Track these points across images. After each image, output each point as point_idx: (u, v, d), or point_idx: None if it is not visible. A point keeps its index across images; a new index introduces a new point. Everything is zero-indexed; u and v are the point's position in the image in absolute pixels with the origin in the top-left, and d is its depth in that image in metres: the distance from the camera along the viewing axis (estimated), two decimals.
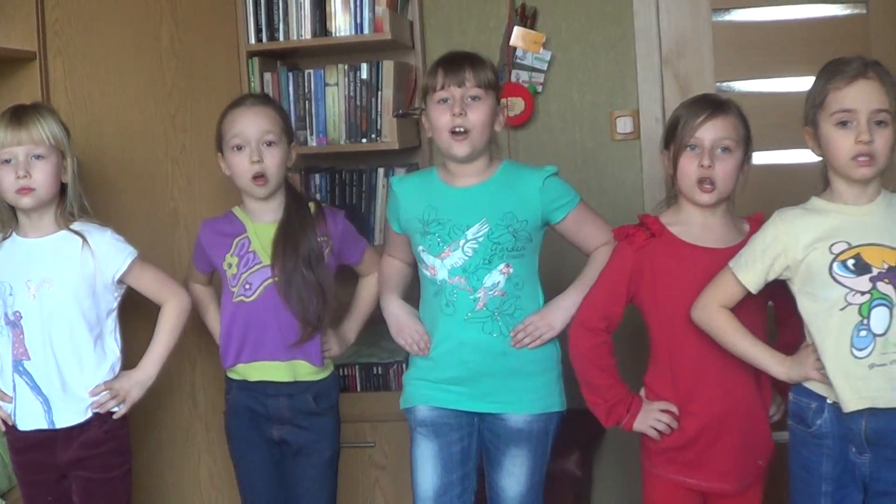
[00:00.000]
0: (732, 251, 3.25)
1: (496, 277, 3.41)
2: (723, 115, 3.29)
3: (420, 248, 3.47)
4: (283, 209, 3.64)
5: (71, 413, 3.44)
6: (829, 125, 3.07)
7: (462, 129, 3.37)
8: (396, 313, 3.63)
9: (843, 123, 3.03)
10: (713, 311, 3.20)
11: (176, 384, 4.13)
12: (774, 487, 3.44)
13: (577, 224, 3.49)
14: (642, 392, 3.42)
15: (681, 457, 3.34)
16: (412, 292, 3.68)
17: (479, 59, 3.48)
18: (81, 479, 3.47)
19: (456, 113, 3.37)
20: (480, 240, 3.39)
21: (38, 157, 3.36)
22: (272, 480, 3.69)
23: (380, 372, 4.56)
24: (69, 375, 3.43)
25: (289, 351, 3.59)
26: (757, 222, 3.31)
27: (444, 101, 3.41)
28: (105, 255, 3.45)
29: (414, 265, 3.62)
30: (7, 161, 3.34)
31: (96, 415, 3.46)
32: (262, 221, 3.64)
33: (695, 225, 3.34)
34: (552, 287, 3.56)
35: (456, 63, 3.44)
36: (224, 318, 3.66)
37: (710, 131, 3.27)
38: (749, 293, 3.17)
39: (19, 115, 3.38)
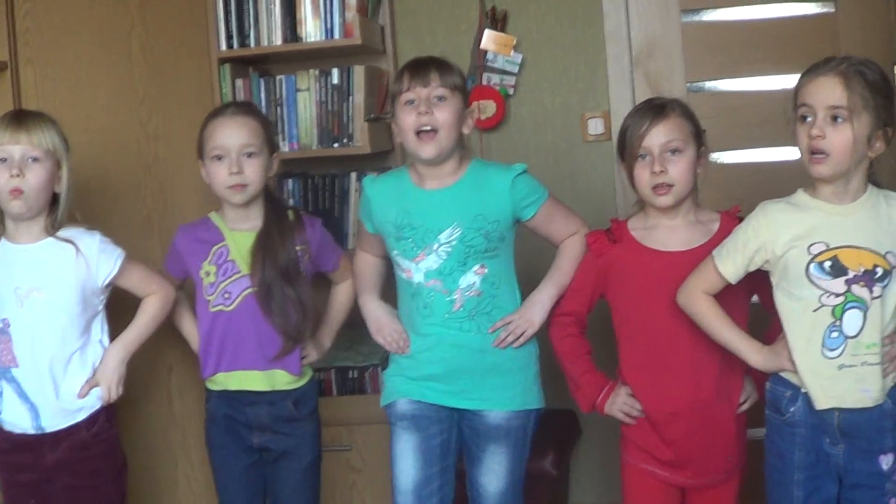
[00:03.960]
0: (696, 253, 3.29)
1: (471, 278, 3.43)
2: (665, 119, 3.31)
3: (395, 252, 3.48)
4: (262, 218, 3.63)
5: (60, 417, 3.43)
6: (796, 120, 3.09)
7: (428, 128, 3.38)
8: (375, 313, 3.65)
9: (804, 118, 3.06)
10: (696, 297, 3.23)
11: (153, 391, 4.13)
12: (752, 481, 3.46)
13: (548, 219, 3.52)
14: (619, 381, 3.46)
15: (652, 450, 3.38)
16: (388, 291, 3.69)
17: (445, 62, 3.49)
18: (67, 484, 3.44)
19: (422, 112, 3.38)
20: (453, 243, 3.40)
21: (34, 159, 3.35)
22: (252, 489, 3.69)
23: (355, 375, 4.57)
24: (60, 381, 3.42)
25: (268, 361, 3.59)
26: (730, 217, 3.35)
27: (411, 102, 3.42)
28: (97, 261, 3.45)
29: (388, 258, 3.62)
30: (3, 160, 3.34)
31: (85, 418, 3.45)
32: (239, 229, 3.62)
33: (659, 229, 3.38)
34: (529, 282, 3.57)
35: (421, 65, 3.46)
36: (202, 328, 3.65)
37: (655, 137, 3.30)
38: (729, 283, 3.19)
39: (21, 118, 3.38)
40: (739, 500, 3.45)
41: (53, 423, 3.42)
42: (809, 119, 3.04)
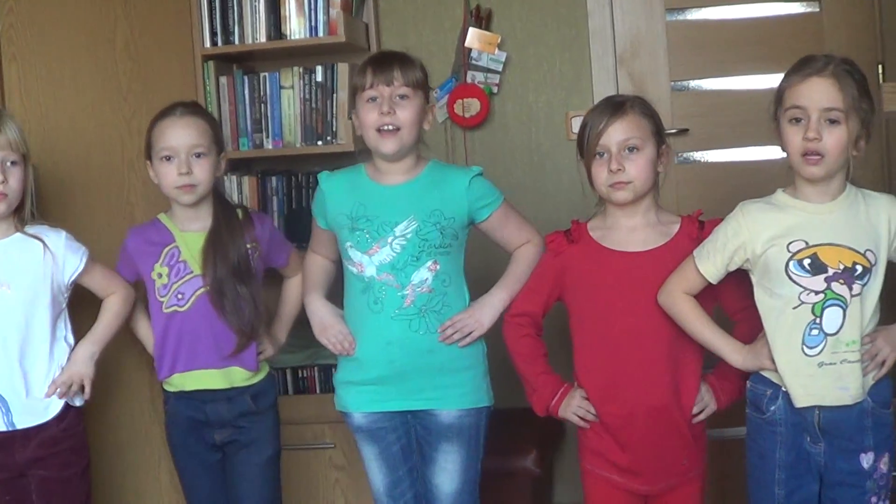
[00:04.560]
0: (654, 254, 3.30)
1: (424, 274, 3.42)
2: (623, 116, 3.30)
3: (348, 244, 3.46)
4: (212, 217, 3.63)
5: (31, 414, 3.42)
6: (784, 121, 3.09)
7: (390, 127, 3.39)
8: (320, 313, 3.62)
9: (796, 120, 3.05)
10: (677, 297, 3.23)
11: (136, 388, 4.12)
12: (727, 481, 3.46)
13: (501, 223, 3.53)
14: (574, 384, 3.46)
15: (608, 455, 3.36)
16: (335, 292, 3.68)
17: (408, 58, 3.49)
18: (39, 478, 3.45)
19: (384, 111, 3.38)
20: (409, 236, 3.40)
21: (12, 162, 3.35)
22: (217, 488, 3.70)
23: None
24: (29, 378, 3.42)
25: (224, 359, 3.59)
26: (690, 221, 3.35)
27: (373, 99, 3.42)
28: (63, 257, 3.46)
29: (338, 262, 3.63)
30: None
31: (56, 414, 3.45)
32: (190, 230, 3.62)
33: (618, 229, 3.36)
34: (477, 285, 3.58)
35: (384, 62, 3.46)
36: (156, 329, 3.64)
37: (613, 135, 3.28)
38: (710, 284, 3.20)
39: None
40: (703, 502, 3.45)
41: (24, 419, 3.42)
42: (802, 121, 3.04)
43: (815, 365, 3.04)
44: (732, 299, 3.31)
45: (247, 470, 3.68)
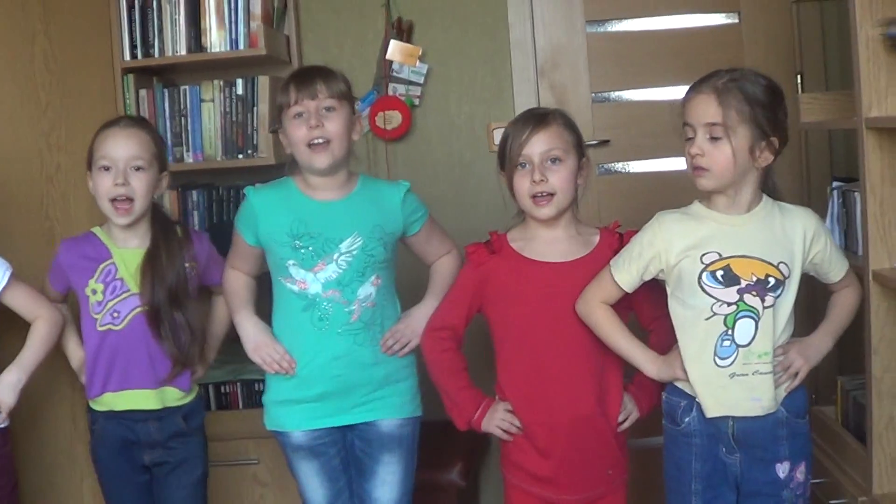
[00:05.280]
0: (576, 265, 3.32)
1: (368, 289, 3.44)
2: (545, 127, 3.32)
3: (290, 262, 3.44)
4: (151, 235, 3.58)
5: None
6: (683, 138, 3.14)
7: (320, 140, 3.38)
8: (252, 331, 3.59)
9: (689, 138, 3.10)
10: (593, 306, 3.25)
11: (56, 405, 4.08)
12: (645, 490, 3.48)
13: (427, 236, 3.59)
14: (496, 398, 3.46)
15: (531, 468, 3.37)
16: (259, 308, 3.67)
17: (330, 71, 3.49)
18: None
19: (312, 125, 3.38)
20: (355, 252, 3.40)
21: None
22: None
23: (261, 388, 4.51)
24: None
25: (159, 381, 3.55)
26: (609, 232, 3.37)
27: (300, 115, 3.41)
28: None
29: (258, 279, 3.61)
30: None
31: None
32: (127, 247, 3.56)
33: (539, 240, 3.38)
34: (405, 297, 3.62)
35: (307, 77, 3.45)
36: (89, 347, 3.58)
37: (536, 145, 3.30)
38: (626, 293, 3.22)
39: None
40: None
41: None
42: (691, 137, 3.08)
43: (726, 376, 3.07)
44: (647, 309, 3.34)
45: (176, 492, 3.63)
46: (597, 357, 3.30)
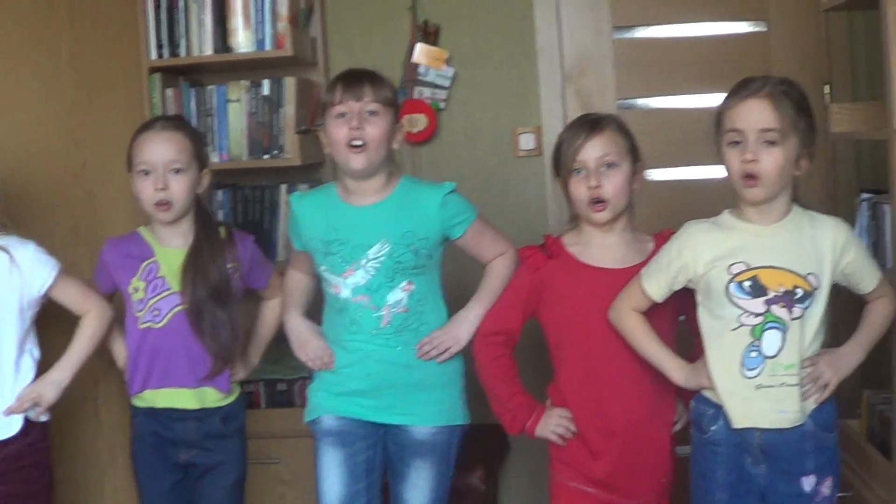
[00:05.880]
0: (631, 272, 3.29)
1: (399, 295, 3.42)
2: (600, 133, 3.32)
3: (323, 267, 3.47)
4: (193, 235, 3.59)
5: None
6: (723, 144, 3.11)
7: (359, 143, 3.37)
8: (298, 329, 3.62)
9: (735, 143, 3.07)
10: (624, 313, 3.24)
11: (79, 402, 4.06)
12: (677, 499, 3.47)
13: (476, 238, 3.52)
14: (548, 403, 3.45)
15: (585, 469, 3.37)
16: (314, 307, 3.68)
17: (379, 76, 3.49)
18: (1, 493, 3.38)
19: (353, 127, 3.37)
20: (382, 259, 3.39)
21: None
22: None
23: (284, 388, 4.55)
24: None
25: (198, 380, 3.55)
26: (663, 239, 3.34)
27: (342, 115, 3.41)
28: (31, 270, 3.41)
29: (318, 277, 3.61)
30: None
31: (21, 428, 3.40)
32: (170, 246, 3.58)
33: (594, 245, 3.37)
34: (456, 300, 3.57)
35: (355, 78, 3.45)
36: (130, 344, 3.60)
37: (590, 151, 3.30)
38: (656, 302, 3.21)
39: None
40: None
41: None
42: (741, 143, 3.05)
43: (752, 387, 3.05)
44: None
45: (211, 493, 3.65)
46: (651, 365, 3.28)
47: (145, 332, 3.56)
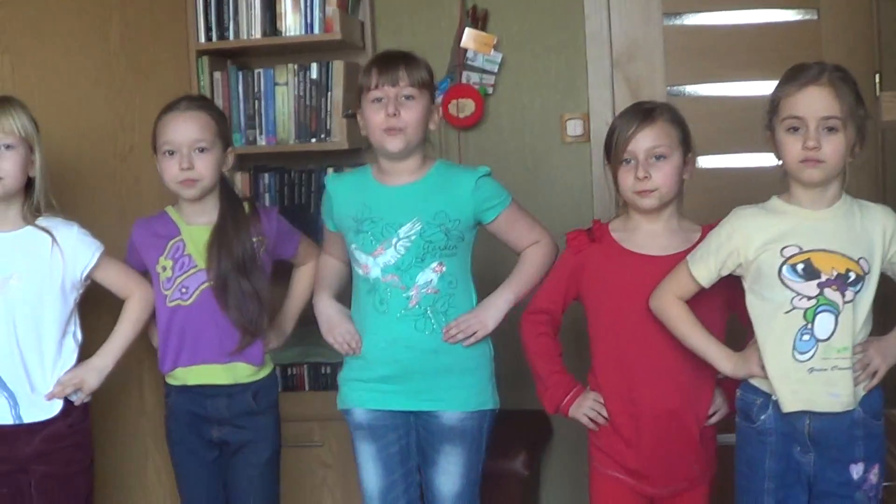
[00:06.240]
0: (675, 259, 3.28)
1: (429, 275, 3.43)
2: (651, 124, 3.30)
3: (353, 245, 3.48)
4: (218, 212, 3.62)
5: (39, 409, 3.42)
6: (781, 130, 3.09)
7: (396, 129, 3.39)
8: (327, 312, 3.64)
9: (794, 129, 3.05)
10: (668, 302, 3.23)
11: (123, 382, 4.08)
12: (720, 489, 3.46)
13: (509, 224, 3.53)
14: (588, 387, 3.46)
15: (618, 456, 3.37)
16: (344, 292, 3.69)
17: (414, 58, 3.49)
18: (41, 473, 3.43)
19: (390, 113, 3.38)
20: (413, 238, 3.40)
21: (7, 146, 3.33)
22: (213, 485, 3.68)
23: (328, 371, 4.55)
24: (35, 372, 3.41)
25: (228, 354, 3.58)
26: (711, 229, 3.32)
27: (379, 100, 3.42)
28: (73, 252, 3.44)
29: (349, 263, 3.62)
30: None
31: (61, 409, 3.43)
32: (196, 224, 3.61)
33: (640, 232, 3.37)
34: (485, 286, 3.58)
35: (391, 62, 3.45)
36: (160, 323, 3.63)
37: (641, 142, 3.29)
38: (704, 289, 3.20)
39: None
40: None
41: (32, 413, 3.41)
42: (800, 130, 3.03)
43: (805, 371, 3.04)
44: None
45: (244, 471, 3.67)
46: (686, 352, 3.27)
47: (174, 310, 3.58)
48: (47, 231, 3.42)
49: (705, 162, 4.81)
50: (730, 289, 3.22)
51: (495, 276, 3.62)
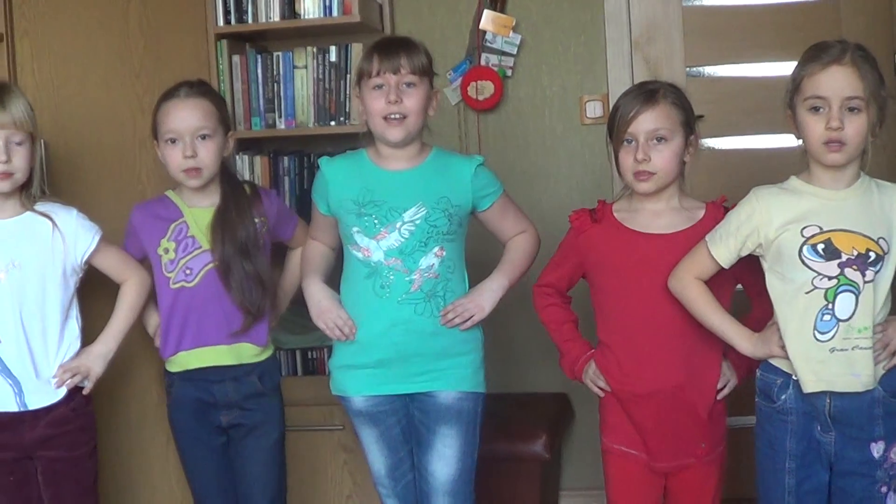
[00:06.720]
0: (677, 237, 3.31)
1: (431, 260, 3.45)
2: (654, 105, 3.30)
3: (354, 229, 3.47)
4: (220, 195, 3.63)
5: (43, 395, 3.43)
6: (803, 110, 3.07)
7: (397, 116, 3.40)
8: (317, 297, 3.62)
9: (816, 109, 3.04)
10: (687, 282, 3.23)
11: (144, 366, 4.10)
12: (736, 469, 3.46)
13: (501, 213, 3.58)
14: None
15: (625, 432, 3.40)
16: (333, 279, 3.68)
17: (414, 44, 3.50)
18: (47, 459, 3.45)
19: (391, 101, 3.39)
20: (417, 222, 3.42)
21: (18, 143, 3.33)
22: (222, 471, 3.69)
23: None
24: (40, 358, 3.42)
25: (233, 335, 3.59)
26: (715, 206, 3.35)
27: (379, 87, 3.43)
28: (74, 235, 3.45)
29: (337, 250, 3.65)
30: None
31: (65, 393, 3.45)
32: (198, 206, 3.63)
33: (642, 212, 3.38)
34: (473, 274, 3.61)
35: (391, 49, 3.46)
36: (163, 306, 3.63)
37: (642, 124, 3.29)
38: (722, 268, 3.19)
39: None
40: (721, 487, 3.45)
41: (36, 399, 3.43)
42: (823, 110, 3.02)
43: (826, 350, 3.04)
44: (753, 279, 3.28)
45: (254, 454, 3.68)
46: (690, 330, 3.28)
47: (178, 291, 3.59)
48: (47, 216, 3.43)
49: (724, 143, 4.81)
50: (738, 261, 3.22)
51: (482, 264, 3.65)
